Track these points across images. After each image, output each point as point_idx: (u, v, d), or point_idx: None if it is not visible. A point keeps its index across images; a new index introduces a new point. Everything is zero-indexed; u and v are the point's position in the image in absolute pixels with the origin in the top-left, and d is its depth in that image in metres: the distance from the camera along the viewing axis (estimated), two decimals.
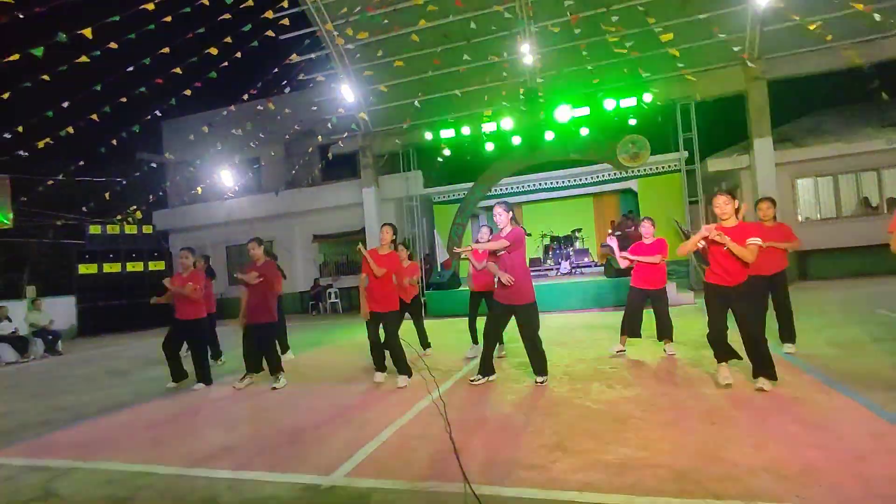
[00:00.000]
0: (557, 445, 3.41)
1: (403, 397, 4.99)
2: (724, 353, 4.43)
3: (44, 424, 5.17)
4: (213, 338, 7.77)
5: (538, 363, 5.12)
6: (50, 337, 11.47)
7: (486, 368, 5.31)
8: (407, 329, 5.98)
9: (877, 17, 10.20)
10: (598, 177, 14.96)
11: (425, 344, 7.38)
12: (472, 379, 5.32)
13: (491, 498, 2.75)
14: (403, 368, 5.57)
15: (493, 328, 5.19)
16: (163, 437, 4.39)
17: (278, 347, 6.66)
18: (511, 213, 5.04)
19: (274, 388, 5.86)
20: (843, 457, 2.86)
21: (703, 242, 4.28)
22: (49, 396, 6.64)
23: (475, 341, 6.74)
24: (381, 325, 5.60)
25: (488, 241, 5.38)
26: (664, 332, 5.95)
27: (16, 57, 7.40)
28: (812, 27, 10.06)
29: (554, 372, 5.48)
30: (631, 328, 6.03)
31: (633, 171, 14.04)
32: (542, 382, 5.05)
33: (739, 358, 4.44)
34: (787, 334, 5.50)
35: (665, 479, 2.79)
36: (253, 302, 6.02)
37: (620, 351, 6.10)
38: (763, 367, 4.19)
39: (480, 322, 5.73)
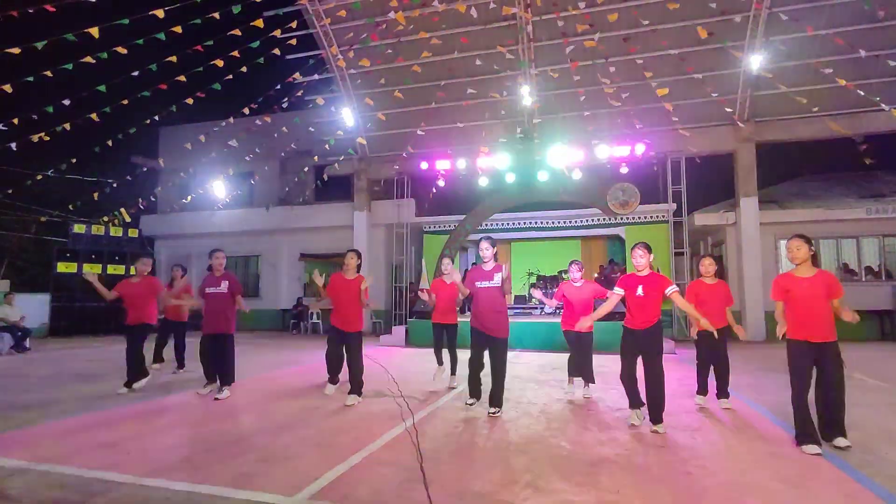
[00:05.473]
0: (529, 484, 3.34)
1: (377, 423, 4.89)
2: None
3: None
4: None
5: (497, 395, 5.28)
6: (19, 333, 11.13)
7: (475, 391, 5.55)
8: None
9: (860, 92, 10.69)
10: (587, 221, 15.13)
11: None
12: (468, 402, 5.54)
13: None
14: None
15: (476, 355, 5.42)
16: (122, 445, 4.23)
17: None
18: (495, 248, 5.35)
19: (217, 399, 5.91)
20: None
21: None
22: (9, 394, 6.40)
23: (440, 363, 7.05)
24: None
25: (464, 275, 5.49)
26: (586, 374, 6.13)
27: (17, 51, 7.42)
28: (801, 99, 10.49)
29: (531, 410, 5.45)
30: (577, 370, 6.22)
31: (621, 218, 14.26)
32: (495, 413, 5.18)
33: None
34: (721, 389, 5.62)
35: None
36: (212, 312, 6.04)
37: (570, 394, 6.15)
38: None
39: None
